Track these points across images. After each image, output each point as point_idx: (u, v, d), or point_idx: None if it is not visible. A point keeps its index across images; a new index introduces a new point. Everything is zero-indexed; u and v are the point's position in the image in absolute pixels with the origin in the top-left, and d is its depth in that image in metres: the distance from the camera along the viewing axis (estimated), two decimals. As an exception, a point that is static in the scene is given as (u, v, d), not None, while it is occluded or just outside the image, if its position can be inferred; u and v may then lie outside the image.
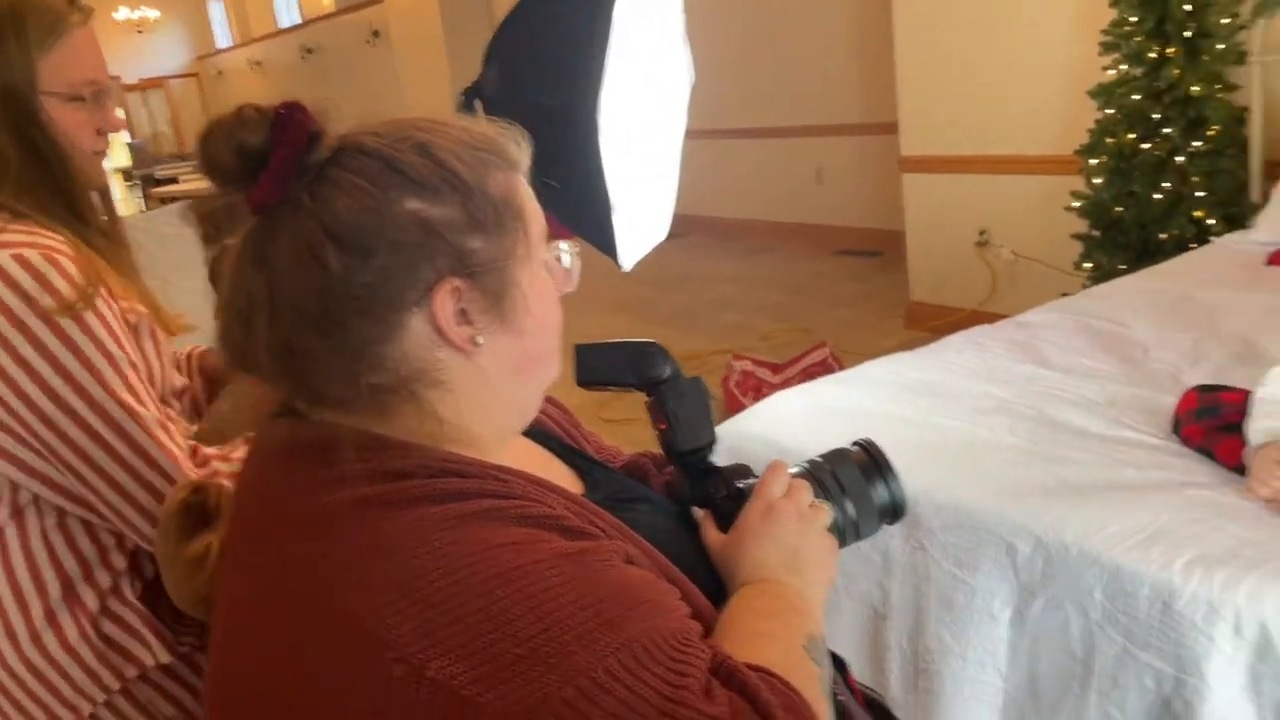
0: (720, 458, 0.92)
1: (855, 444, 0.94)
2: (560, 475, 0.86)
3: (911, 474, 1.66)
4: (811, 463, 0.93)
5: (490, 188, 0.71)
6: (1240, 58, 2.82)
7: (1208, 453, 1.54)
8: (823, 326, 4.45)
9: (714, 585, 0.82)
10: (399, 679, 0.59)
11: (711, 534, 0.86)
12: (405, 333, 0.68)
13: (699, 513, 0.89)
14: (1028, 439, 1.69)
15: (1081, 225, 3.19)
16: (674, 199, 1.87)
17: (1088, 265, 3.16)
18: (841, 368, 2.34)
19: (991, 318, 2.45)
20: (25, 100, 1.00)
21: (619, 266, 1.77)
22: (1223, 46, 2.80)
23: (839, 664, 1.00)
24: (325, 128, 0.69)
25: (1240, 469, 1.44)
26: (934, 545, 1.54)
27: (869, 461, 0.91)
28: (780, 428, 1.91)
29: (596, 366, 0.94)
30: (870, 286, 5.07)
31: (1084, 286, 2.88)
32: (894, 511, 0.91)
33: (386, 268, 0.67)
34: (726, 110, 6.52)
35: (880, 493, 0.90)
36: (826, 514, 0.86)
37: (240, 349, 0.70)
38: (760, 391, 3.31)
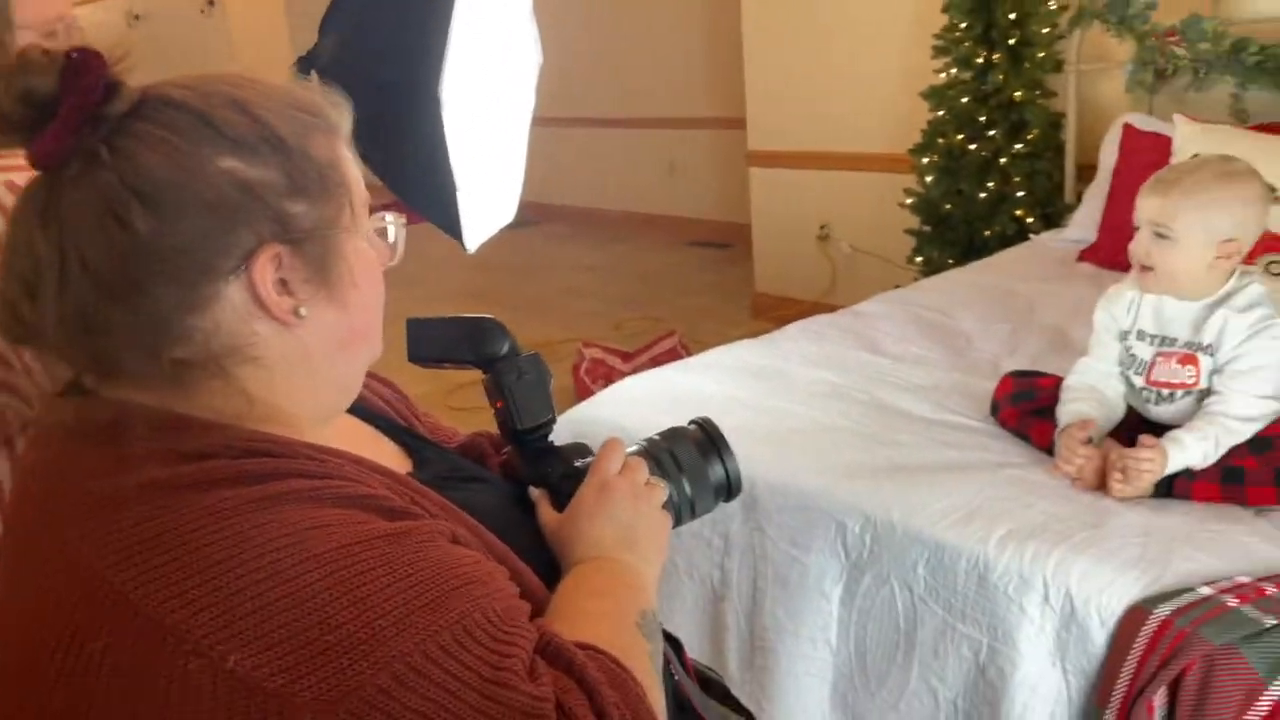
0: (566, 443, 0.91)
1: (692, 422, 0.95)
2: (387, 454, 0.83)
3: (751, 457, 1.69)
4: (649, 441, 0.93)
5: (313, 150, 0.67)
6: (1058, 66, 3.01)
7: (1023, 435, 1.63)
8: (673, 316, 4.50)
9: (549, 565, 0.81)
10: (195, 673, 0.55)
11: (547, 513, 0.85)
12: (219, 303, 0.64)
13: (535, 492, 0.88)
14: (859, 422, 1.75)
15: (914, 221, 3.34)
16: (520, 181, 1.84)
17: (919, 259, 3.31)
18: (690, 356, 2.37)
19: (832, 309, 2.53)
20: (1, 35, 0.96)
21: (463, 248, 1.73)
22: (1042, 54, 2.98)
23: (675, 644, 1.00)
24: (124, 78, 0.64)
25: (1051, 450, 1.53)
26: (771, 526, 1.58)
27: (705, 439, 0.92)
28: (626, 413, 1.92)
29: (430, 342, 0.91)
30: (720, 277, 5.17)
31: (916, 279, 3.01)
32: (729, 489, 0.92)
33: (199, 231, 0.62)
34: (582, 99, 6.50)
35: (716, 470, 0.91)
36: (661, 491, 0.86)
37: (21, 319, 0.63)
38: (610, 379, 3.32)
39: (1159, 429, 1.46)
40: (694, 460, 0.90)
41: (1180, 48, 2.63)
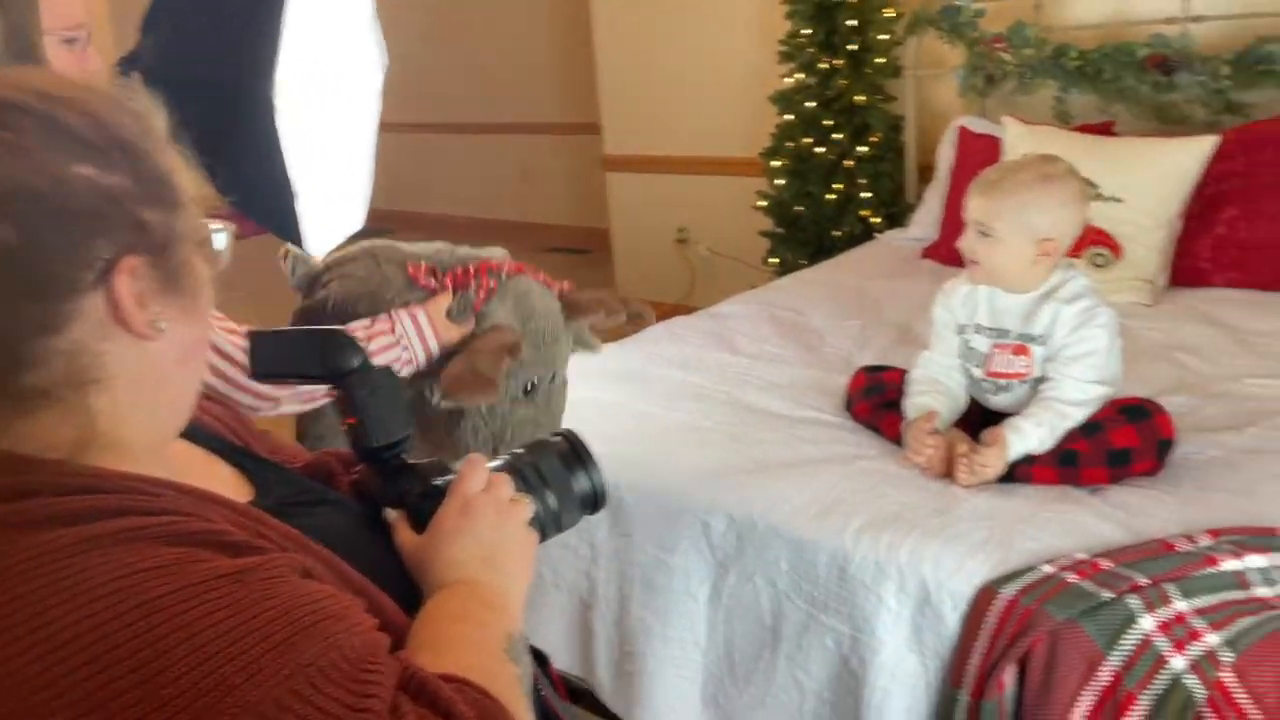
0: (424, 460, 0.88)
1: (556, 434, 0.93)
2: (225, 481, 0.77)
3: (615, 461, 1.68)
4: (512, 455, 0.90)
5: (155, 156, 0.64)
6: (897, 71, 3.12)
7: (875, 428, 1.68)
8: (534, 322, 4.46)
9: (407, 590, 0.77)
10: None
11: (405, 535, 0.81)
12: (78, 320, 0.59)
13: (392, 514, 0.83)
14: (720, 422, 1.76)
15: (767, 223, 3.41)
16: (369, 187, 1.78)
17: (773, 260, 3.38)
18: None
19: (691, 310, 2.55)
20: (28, 39, 0.94)
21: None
22: (882, 60, 3.09)
23: (540, 658, 0.98)
24: None
25: (901, 441, 1.58)
26: (637, 530, 1.58)
27: (570, 452, 0.90)
28: (486, 423, 1.88)
29: (275, 357, 0.86)
30: (580, 283, 5.14)
31: (771, 280, 3.07)
32: (595, 501, 0.90)
33: (61, 240, 0.58)
34: (433, 104, 6.37)
35: (581, 482, 0.89)
36: (527, 507, 0.84)
37: None
38: (471, 389, 3.27)
39: (999, 417, 1.52)
40: (559, 473, 0.88)
41: (1007, 53, 2.78)
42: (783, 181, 3.27)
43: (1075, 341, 1.47)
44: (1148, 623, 1.17)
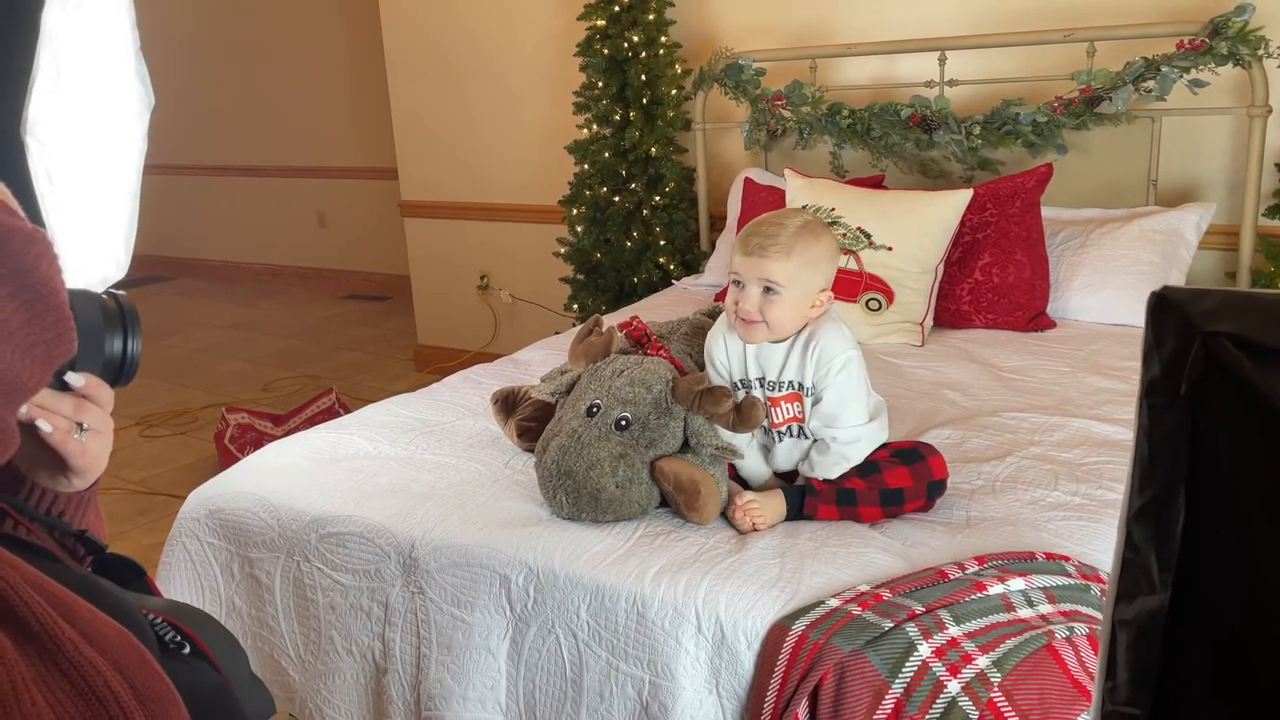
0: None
1: (109, 293, 0.86)
2: None
3: (409, 517, 1.62)
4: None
5: None
6: (687, 124, 3.24)
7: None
8: (330, 373, 4.30)
9: None
10: None
11: None
12: None
13: None
14: (520, 470, 1.74)
15: (568, 270, 3.44)
16: (133, 231, 1.66)
17: (575, 306, 3.41)
18: (350, 414, 2.25)
19: (495, 358, 2.52)
20: None
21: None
22: (673, 114, 3.20)
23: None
24: None
25: None
26: (432, 588, 1.52)
27: (117, 311, 0.83)
28: (271, 482, 1.77)
29: None
30: (380, 331, 5.01)
31: (573, 325, 3.09)
32: (122, 369, 0.83)
33: None
34: (223, 147, 6.07)
35: (115, 345, 0.82)
36: None
37: None
38: (261, 445, 3.09)
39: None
40: (93, 322, 0.80)
41: (786, 110, 2.94)
42: (582, 229, 3.31)
43: (837, 384, 1.53)
44: (925, 649, 1.23)
